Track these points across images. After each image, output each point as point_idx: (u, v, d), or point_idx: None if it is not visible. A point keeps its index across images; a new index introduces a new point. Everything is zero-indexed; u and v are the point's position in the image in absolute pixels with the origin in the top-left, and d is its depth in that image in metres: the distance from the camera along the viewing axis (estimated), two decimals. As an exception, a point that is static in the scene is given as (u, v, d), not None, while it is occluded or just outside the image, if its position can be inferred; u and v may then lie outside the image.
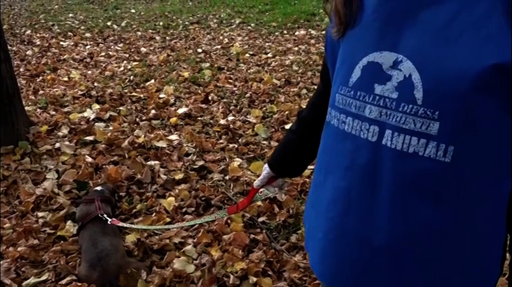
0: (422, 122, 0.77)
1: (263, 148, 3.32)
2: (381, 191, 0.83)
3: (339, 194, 0.91)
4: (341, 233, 0.92)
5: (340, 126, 0.90)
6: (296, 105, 4.06)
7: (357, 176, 0.87)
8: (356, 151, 0.86)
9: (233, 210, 1.55)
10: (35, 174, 2.85)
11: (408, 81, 0.78)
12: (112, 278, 1.96)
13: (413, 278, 0.86)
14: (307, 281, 2.07)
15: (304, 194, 2.74)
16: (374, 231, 0.86)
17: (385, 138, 0.81)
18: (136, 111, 3.86)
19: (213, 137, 3.47)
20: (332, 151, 0.94)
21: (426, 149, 0.77)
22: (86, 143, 3.23)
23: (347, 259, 0.92)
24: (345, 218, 0.90)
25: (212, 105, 4.10)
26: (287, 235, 2.39)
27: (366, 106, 0.84)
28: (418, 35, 0.78)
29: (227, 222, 2.43)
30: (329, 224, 0.94)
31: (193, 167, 2.99)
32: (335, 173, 0.92)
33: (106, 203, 2.31)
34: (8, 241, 2.25)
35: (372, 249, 0.87)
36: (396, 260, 0.85)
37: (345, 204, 0.89)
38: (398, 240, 0.84)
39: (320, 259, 0.98)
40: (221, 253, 2.18)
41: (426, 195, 0.80)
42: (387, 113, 0.81)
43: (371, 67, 0.83)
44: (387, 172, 0.82)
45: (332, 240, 0.94)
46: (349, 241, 0.90)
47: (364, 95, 0.84)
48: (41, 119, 3.54)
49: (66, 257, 2.16)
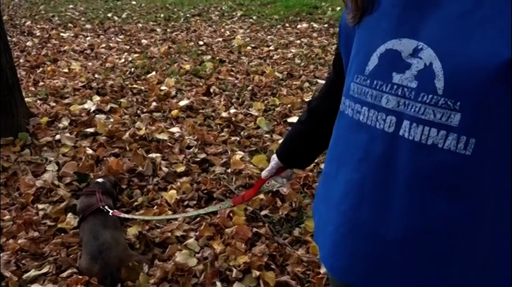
0: (443, 113, 0.73)
1: (265, 141, 3.28)
2: (396, 184, 0.81)
3: (352, 187, 0.88)
4: (353, 227, 0.89)
5: (355, 116, 0.87)
6: (298, 99, 4.03)
7: (371, 168, 0.84)
8: (371, 142, 0.83)
9: (238, 200, 1.52)
10: (36, 166, 2.82)
11: (429, 70, 0.75)
12: (113, 271, 1.93)
13: (427, 272, 0.83)
14: (310, 275, 2.05)
15: (307, 188, 2.71)
16: (388, 224, 0.83)
17: (403, 129, 0.78)
18: (137, 103, 3.83)
19: (215, 129, 3.43)
20: (345, 142, 0.91)
21: (446, 142, 0.74)
22: (87, 135, 3.20)
23: (359, 253, 0.89)
24: (358, 211, 0.87)
25: (213, 97, 4.06)
26: (290, 228, 2.37)
27: (383, 95, 0.81)
28: (439, 22, 0.74)
29: (229, 215, 2.40)
30: (341, 217, 0.91)
31: (194, 159, 2.96)
32: (348, 165, 0.89)
33: (107, 196, 2.28)
34: (8, 233, 2.22)
35: (386, 242, 0.84)
36: (411, 253, 0.83)
37: (358, 197, 0.87)
38: (414, 233, 0.81)
39: (331, 252, 0.96)
40: (224, 247, 2.16)
41: (444, 188, 0.77)
42: (405, 103, 0.78)
43: (389, 55, 0.80)
44: (404, 164, 0.79)
45: (344, 233, 0.91)
46: (361, 234, 0.88)
47: (382, 84, 0.81)
48: (41, 110, 3.50)
49: (67, 249, 2.13)
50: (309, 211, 2.46)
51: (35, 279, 1.96)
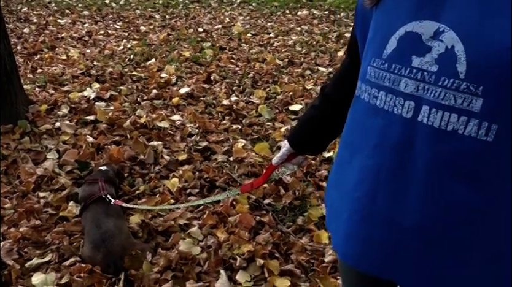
0: (464, 98, 0.71)
1: (267, 129, 3.26)
2: (414, 170, 0.79)
3: (367, 173, 0.86)
4: (368, 214, 0.87)
5: (371, 101, 0.84)
6: (299, 86, 4.00)
7: (388, 154, 0.82)
8: (388, 128, 0.81)
9: (247, 188, 1.50)
10: (36, 154, 2.79)
11: (450, 53, 0.72)
12: (116, 259, 1.92)
13: (444, 260, 0.82)
14: (314, 263, 2.05)
15: (310, 176, 2.70)
16: (405, 211, 0.82)
17: (422, 114, 0.76)
18: (137, 90, 3.79)
19: (217, 117, 3.41)
20: (360, 127, 0.89)
21: (466, 128, 0.72)
22: (87, 123, 3.17)
23: (374, 241, 0.88)
24: (373, 198, 0.85)
25: (214, 85, 4.03)
26: (293, 217, 2.36)
27: (401, 80, 0.78)
28: (461, 4, 0.72)
29: (232, 204, 2.39)
30: (355, 204, 0.90)
31: (196, 147, 2.94)
32: (363, 151, 0.87)
33: (110, 184, 2.26)
34: (10, 221, 2.21)
35: (402, 229, 0.83)
36: (428, 241, 0.82)
37: (374, 184, 0.85)
38: (431, 221, 0.80)
39: (345, 240, 0.94)
40: (227, 235, 2.15)
41: (464, 174, 0.75)
42: (425, 88, 0.75)
43: (409, 38, 0.77)
44: (422, 150, 0.77)
45: (358, 221, 0.90)
46: (376, 222, 0.86)
47: (400, 68, 0.78)
48: (40, 98, 3.47)
49: (69, 238, 2.12)
50: (312, 200, 2.45)
51: (38, 268, 1.95)
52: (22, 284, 1.86)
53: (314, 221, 2.31)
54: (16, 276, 1.89)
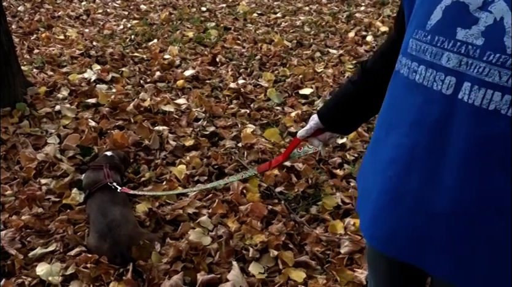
0: (510, 76, 0.67)
1: (277, 114, 3.22)
2: (450, 151, 0.76)
3: (401, 152, 0.84)
4: (398, 195, 0.85)
5: (410, 76, 0.82)
6: (309, 69, 3.93)
7: (424, 132, 0.80)
8: (427, 105, 0.79)
9: (265, 167, 1.46)
10: (36, 138, 2.76)
11: (498, 26, 0.69)
12: (123, 250, 1.90)
13: (474, 248, 0.79)
14: (330, 255, 2.02)
15: (323, 163, 2.66)
16: (437, 195, 0.79)
17: (462, 91, 0.74)
18: (140, 72, 3.73)
19: (224, 101, 3.36)
20: (398, 104, 0.86)
21: (510, 108, 0.69)
22: (88, 106, 3.13)
23: (402, 224, 0.86)
24: (405, 178, 0.83)
25: (220, 67, 3.96)
26: (307, 206, 2.33)
27: (443, 53, 0.76)
28: None
29: (243, 192, 2.36)
30: (385, 184, 0.88)
31: (203, 133, 2.90)
32: (399, 128, 0.85)
33: (115, 171, 2.23)
34: (11, 209, 2.18)
35: (432, 214, 0.81)
36: (459, 228, 0.79)
37: (407, 163, 0.83)
38: (464, 207, 0.77)
39: (372, 221, 0.93)
40: (239, 225, 2.13)
41: (504, 159, 0.72)
42: (468, 63, 0.72)
43: (455, 8, 0.74)
44: (460, 130, 0.75)
45: (387, 201, 0.88)
46: (406, 204, 0.84)
47: (443, 40, 0.76)
48: (38, 79, 3.41)
49: (73, 226, 2.09)
50: (326, 188, 2.42)
51: (42, 258, 1.93)
52: (26, 274, 1.84)
53: (329, 210, 2.29)
54: (20, 266, 1.87)
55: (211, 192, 2.37)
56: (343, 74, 3.90)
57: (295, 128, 3.00)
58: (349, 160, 2.70)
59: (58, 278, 1.82)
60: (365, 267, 1.94)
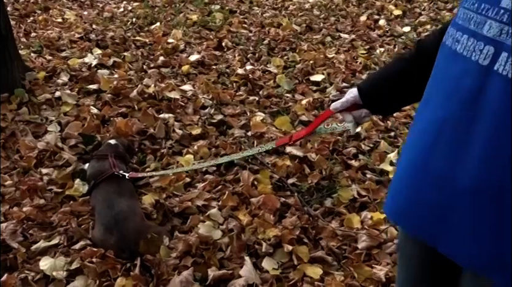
0: None
1: (287, 102, 3.17)
2: (480, 125, 0.76)
3: (432, 123, 0.84)
4: (422, 169, 0.86)
5: (453, 46, 0.82)
6: (320, 54, 3.88)
7: (456, 105, 0.80)
8: (462, 76, 0.79)
9: (284, 141, 1.42)
10: (35, 126, 2.71)
11: None
12: (131, 244, 1.87)
13: (496, 227, 0.78)
14: (347, 250, 1.99)
15: (337, 154, 2.62)
16: (461, 170, 0.79)
17: (499, 62, 0.73)
18: (143, 57, 3.68)
19: (231, 88, 3.31)
20: (439, 75, 0.87)
21: None
22: (90, 93, 3.08)
23: (422, 199, 0.86)
24: (431, 151, 0.84)
25: (226, 52, 3.91)
26: (321, 199, 2.29)
27: (486, 21, 0.76)
28: None
29: (253, 183, 2.32)
30: (411, 155, 0.89)
31: (211, 121, 2.85)
32: (436, 100, 0.85)
33: (120, 160, 2.19)
34: (12, 200, 2.15)
35: (455, 190, 0.80)
36: (484, 205, 0.78)
37: (435, 135, 0.83)
38: (490, 184, 0.76)
39: (392, 194, 0.94)
40: (250, 218, 2.09)
41: None
42: (508, 32, 0.72)
43: None
44: (492, 103, 0.74)
45: (410, 175, 0.89)
46: (428, 177, 0.85)
47: (488, 8, 0.76)
48: (37, 64, 3.36)
49: (77, 219, 2.06)
50: (341, 180, 2.38)
51: (45, 251, 1.90)
52: (29, 269, 1.81)
53: (344, 203, 2.25)
54: (22, 260, 1.84)
55: (220, 183, 2.34)
56: (356, 60, 3.85)
57: (307, 116, 2.95)
58: (364, 151, 2.66)
59: (63, 272, 1.79)
60: (384, 264, 1.91)
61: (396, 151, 2.62)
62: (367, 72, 3.60)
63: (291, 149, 2.55)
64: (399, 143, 2.76)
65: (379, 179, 2.42)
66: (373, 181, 2.38)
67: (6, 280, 1.73)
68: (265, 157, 2.54)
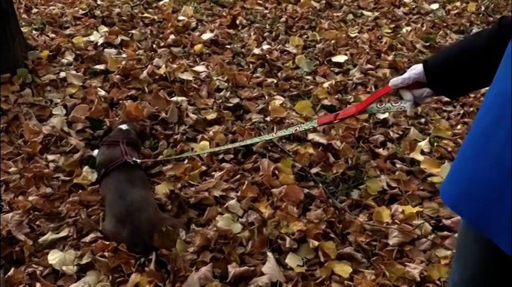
0: None
1: (307, 85, 3.09)
2: None
3: (497, 99, 0.81)
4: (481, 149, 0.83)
5: None
6: (342, 33, 3.78)
7: None
8: None
9: (328, 119, 1.35)
10: (40, 109, 2.66)
11: None
12: (145, 237, 1.82)
13: None
14: (377, 246, 1.94)
15: (363, 141, 2.55)
16: None
17: None
18: (152, 35, 3.60)
19: (247, 69, 3.23)
20: None
21: None
22: (97, 73, 3.02)
23: (479, 182, 0.83)
24: (494, 129, 0.80)
25: (241, 30, 3.81)
26: (347, 190, 2.23)
27: None
28: None
29: (274, 173, 2.26)
30: (473, 134, 0.86)
31: (226, 105, 2.79)
32: (504, 75, 0.80)
33: (132, 147, 2.14)
34: (16, 189, 2.11)
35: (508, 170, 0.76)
36: None
37: (499, 111, 0.79)
38: None
39: (450, 177, 0.92)
40: (272, 210, 2.04)
41: None
42: None
43: None
44: None
45: (469, 157, 0.86)
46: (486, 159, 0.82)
47: None
48: (40, 42, 3.30)
49: (86, 209, 2.02)
50: (369, 171, 2.31)
51: (54, 244, 1.87)
52: (37, 263, 1.78)
53: (373, 195, 2.19)
54: (30, 253, 1.81)
55: (238, 172, 2.28)
56: (380, 40, 3.74)
57: (329, 100, 2.88)
58: (392, 139, 2.58)
59: (73, 267, 1.76)
60: (418, 261, 1.86)
61: (428, 140, 2.54)
62: (393, 53, 3.50)
63: (313, 135, 2.49)
64: (430, 130, 2.68)
65: (409, 170, 2.35)
66: (403, 172, 2.31)
67: (13, 275, 1.70)
68: (286, 145, 2.48)
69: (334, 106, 2.85)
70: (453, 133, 2.64)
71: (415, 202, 2.16)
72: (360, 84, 3.10)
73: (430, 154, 2.47)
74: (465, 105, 2.92)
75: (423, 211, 2.09)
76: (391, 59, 3.38)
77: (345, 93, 3.02)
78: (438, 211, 2.11)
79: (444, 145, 2.54)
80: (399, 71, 3.27)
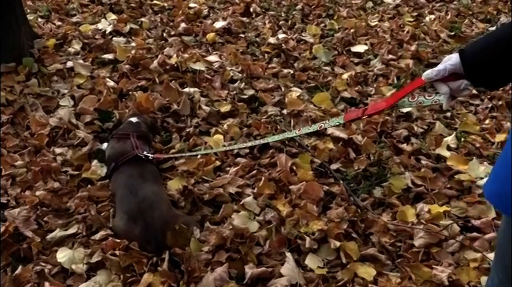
0: None
1: (326, 76, 3.05)
2: None
3: None
4: None
5: None
6: (362, 22, 3.73)
7: None
8: None
9: (355, 114, 1.30)
10: (46, 100, 2.66)
11: None
12: (157, 235, 1.80)
13: None
14: (401, 247, 1.90)
15: (386, 136, 2.51)
16: None
17: None
18: (162, 23, 3.58)
19: (262, 59, 3.20)
20: None
21: None
22: (105, 63, 3.01)
23: None
24: None
25: (255, 18, 3.79)
26: (369, 188, 2.19)
27: None
28: None
29: (292, 169, 2.23)
30: None
31: (241, 97, 2.76)
32: None
33: (143, 141, 2.12)
34: (23, 183, 2.10)
35: None
36: None
37: None
38: None
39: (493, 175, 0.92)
40: (291, 208, 2.01)
41: None
42: None
43: None
44: None
45: None
46: None
47: None
48: (46, 31, 3.29)
49: (96, 205, 2.01)
50: (393, 167, 2.27)
51: (63, 241, 1.85)
52: (45, 261, 1.77)
53: (396, 193, 2.15)
54: (37, 251, 1.80)
55: (254, 167, 2.25)
56: (402, 28, 3.69)
57: (349, 93, 2.83)
58: (416, 133, 2.54)
59: (83, 266, 1.74)
60: (446, 264, 1.82)
61: (454, 135, 2.49)
62: (415, 43, 3.45)
63: (333, 130, 2.45)
64: (457, 125, 2.63)
65: (435, 167, 2.31)
66: (429, 169, 2.27)
67: (21, 273, 1.69)
68: (304, 139, 2.44)
69: (354, 98, 2.81)
70: (481, 129, 2.59)
71: (442, 201, 2.12)
72: (381, 76, 3.06)
73: (457, 150, 2.42)
74: (493, 98, 2.87)
75: (451, 210, 2.05)
76: (414, 49, 3.32)
77: (366, 85, 2.98)
78: (467, 211, 2.06)
79: (472, 141, 2.49)
80: (422, 62, 3.23)
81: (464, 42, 3.54)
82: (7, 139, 2.33)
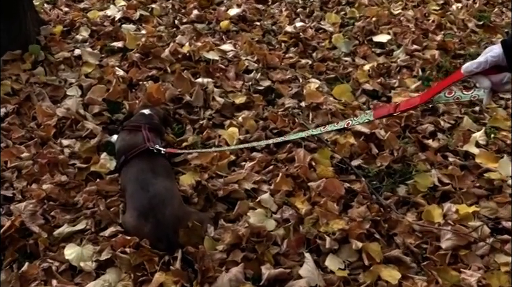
0: None
1: (346, 67, 3.02)
2: None
3: None
4: None
5: None
6: (384, 10, 3.68)
7: None
8: None
9: (386, 110, 1.27)
10: (53, 89, 2.65)
11: None
12: (169, 232, 1.79)
13: None
14: (427, 249, 1.87)
15: (410, 131, 2.47)
16: None
17: None
18: (173, 10, 3.56)
19: (279, 48, 3.18)
20: None
21: None
22: (114, 51, 3.00)
23: None
24: None
25: (271, 5, 3.76)
26: (392, 185, 2.16)
27: None
28: None
29: (311, 165, 2.20)
30: None
31: (256, 88, 2.74)
32: None
33: (155, 134, 2.11)
34: (29, 176, 2.10)
35: None
36: None
37: None
38: None
39: None
40: (310, 206, 1.99)
41: None
42: None
43: None
44: None
45: None
46: None
47: None
48: (52, 17, 3.29)
49: (105, 200, 2.00)
50: (418, 164, 2.23)
51: (70, 237, 1.85)
52: (52, 257, 1.77)
53: (422, 192, 2.13)
54: (44, 247, 1.80)
55: (271, 163, 2.24)
56: (427, 17, 3.65)
57: (371, 85, 2.80)
58: (443, 129, 2.50)
59: (91, 263, 1.74)
60: (475, 268, 1.80)
61: (483, 131, 2.45)
62: (441, 33, 3.39)
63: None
64: (486, 120, 2.59)
65: (463, 164, 2.27)
66: (457, 166, 2.23)
67: (27, 270, 1.69)
68: (323, 133, 2.41)
69: (376, 91, 2.78)
70: (512, 124, 2.55)
71: (470, 200, 2.09)
72: (405, 67, 3.02)
73: (486, 147, 2.38)
74: (525, 92, 2.82)
75: (480, 211, 2.02)
76: (440, 39, 3.28)
77: (389, 77, 2.94)
78: (497, 212, 2.03)
79: (502, 137, 2.44)
80: (449, 53, 3.18)
81: (493, 32, 3.48)
82: (12, 130, 2.33)
